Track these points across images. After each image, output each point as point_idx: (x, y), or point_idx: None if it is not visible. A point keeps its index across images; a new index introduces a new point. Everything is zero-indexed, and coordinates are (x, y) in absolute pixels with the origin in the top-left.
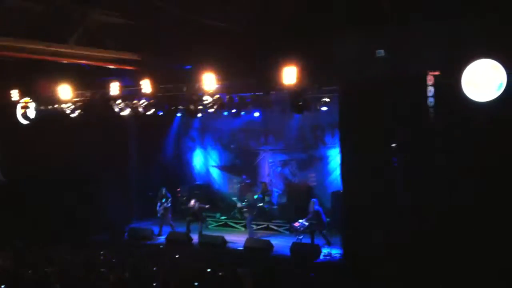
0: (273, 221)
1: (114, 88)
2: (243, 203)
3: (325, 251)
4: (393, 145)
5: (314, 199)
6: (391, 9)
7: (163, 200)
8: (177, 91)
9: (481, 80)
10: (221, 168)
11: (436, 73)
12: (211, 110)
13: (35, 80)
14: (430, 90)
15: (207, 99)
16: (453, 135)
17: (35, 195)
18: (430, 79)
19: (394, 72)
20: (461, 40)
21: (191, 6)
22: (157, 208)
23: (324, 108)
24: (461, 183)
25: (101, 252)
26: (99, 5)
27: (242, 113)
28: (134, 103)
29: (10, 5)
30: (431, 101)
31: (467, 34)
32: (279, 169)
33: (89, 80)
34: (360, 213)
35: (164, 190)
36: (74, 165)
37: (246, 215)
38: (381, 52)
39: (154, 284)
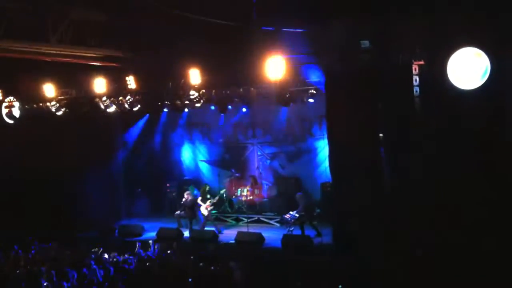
0: (264, 213)
1: (99, 85)
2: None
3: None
4: (380, 135)
5: (300, 193)
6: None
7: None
8: (162, 87)
9: (466, 68)
10: (210, 162)
11: (421, 62)
12: (197, 105)
13: (19, 79)
14: (416, 80)
15: (193, 94)
16: (440, 124)
17: (21, 194)
18: (415, 69)
19: (379, 63)
20: (445, 29)
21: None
22: (182, 204)
23: (311, 100)
24: (449, 171)
25: (92, 250)
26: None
27: (229, 107)
28: (120, 100)
29: None
30: (416, 90)
31: (450, 22)
32: (268, 162)
33: (74, 77)
34: (349, 203)
35: (192, 187)
36: (59, 163)
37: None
38: (365, 43)
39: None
